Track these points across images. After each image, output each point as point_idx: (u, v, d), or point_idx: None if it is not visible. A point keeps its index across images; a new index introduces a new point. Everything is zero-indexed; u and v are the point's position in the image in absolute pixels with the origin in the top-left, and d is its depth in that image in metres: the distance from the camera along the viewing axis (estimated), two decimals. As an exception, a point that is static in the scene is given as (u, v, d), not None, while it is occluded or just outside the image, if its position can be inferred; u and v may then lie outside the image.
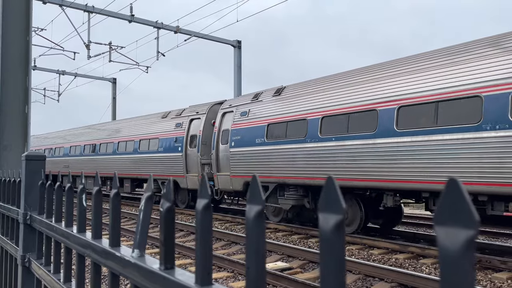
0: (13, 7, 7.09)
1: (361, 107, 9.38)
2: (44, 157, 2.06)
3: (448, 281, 0.41)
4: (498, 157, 7.06)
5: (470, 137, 7.42)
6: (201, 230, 0.79)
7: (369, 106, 9.21)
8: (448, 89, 7.88)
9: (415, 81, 8.48)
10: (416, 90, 8.39)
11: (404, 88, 8.63)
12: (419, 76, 8.47)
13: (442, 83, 7.98)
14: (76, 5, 18.46)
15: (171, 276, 0.85)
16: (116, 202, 1.19)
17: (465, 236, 0.40)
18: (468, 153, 7.42)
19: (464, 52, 8.01)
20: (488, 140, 7.20)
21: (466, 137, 7.47)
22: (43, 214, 1.84)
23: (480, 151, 7.28)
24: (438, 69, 8.24)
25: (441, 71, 8.15)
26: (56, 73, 29.93)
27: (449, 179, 0.42)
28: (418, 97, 8.31)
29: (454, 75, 7.89)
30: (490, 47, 7.63)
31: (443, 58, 8.31)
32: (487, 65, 7.47)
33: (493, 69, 7.35)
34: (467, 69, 7.73)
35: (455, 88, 7.76)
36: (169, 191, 0.90)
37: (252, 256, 0.65)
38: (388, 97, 8.86)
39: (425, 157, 8.07)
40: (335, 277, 0.53)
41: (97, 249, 1.21)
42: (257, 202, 0.67)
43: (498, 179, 7.05)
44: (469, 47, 8.03)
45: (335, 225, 0.54)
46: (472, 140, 7.39)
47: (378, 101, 9.05)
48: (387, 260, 8.08)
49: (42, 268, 1.73)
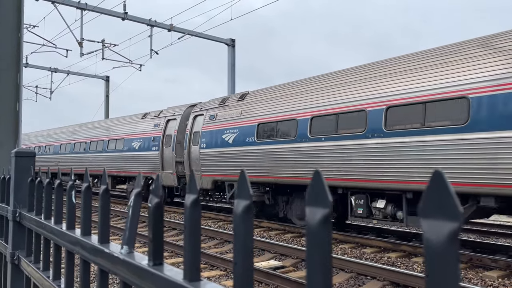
0: (4, 3, 7.02)
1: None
2: (34, 153, 2.04)
3: (434, 274, 0.41)
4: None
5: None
6: (190, 226, 0.78)
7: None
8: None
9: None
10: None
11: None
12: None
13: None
14: (69, 2, 18.32)
15: (160, 272, 0.84)
16: (106, 198, 1.18)
17: (450, 229, 0.40)
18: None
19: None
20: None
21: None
22: (33, 211, 1.83)
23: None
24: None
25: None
26: (48, 70, 29.71)
27: (434, 172, 0.42)
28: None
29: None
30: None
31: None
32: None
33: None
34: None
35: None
36: (157, 187, 0.89)
37: (240, 251, 0.65)
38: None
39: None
40: (322, 269, 0.53)
41: (86, 246, 1.20)
42: (245, 197, 0.66)
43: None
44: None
45: (322, 219, 0.53)
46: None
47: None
48: (379, 259, 8.12)
49: (32, 266, 1.71)
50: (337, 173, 9.48)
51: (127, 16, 19.56)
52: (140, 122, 18.27)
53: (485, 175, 7.09)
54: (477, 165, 7.18)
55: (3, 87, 6.92)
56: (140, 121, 18.30)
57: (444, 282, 0.40)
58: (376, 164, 8.70)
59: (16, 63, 7.07)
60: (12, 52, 7.10)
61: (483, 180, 7.11)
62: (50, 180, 1.62)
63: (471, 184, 7.26)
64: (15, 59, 7.13)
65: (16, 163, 1.96)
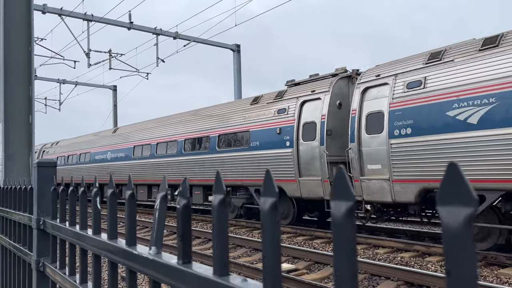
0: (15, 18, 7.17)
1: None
2: (54, 163, 2.11)
3: (452, 256, 0.46)
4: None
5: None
6: (217, 224, 0.83)
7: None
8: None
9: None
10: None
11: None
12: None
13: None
14: (75, 14, 18.58)
15: (190, 269, 0.89)
16: (132, 203, 1.24)
17: (465, 213, 0.45)
18: None
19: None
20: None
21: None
22: (56, 219, 1.89)
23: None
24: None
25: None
26: (57, 82, 30.07)
27: (449, 163, 0.47)
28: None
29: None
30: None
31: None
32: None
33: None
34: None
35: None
36: (185, 189, 0.94)
37: (268, 244, 0.70)
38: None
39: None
40: (348, 259, 0.58)
41: (115, 249, 1.25)
42: (271, 195, 0.71)
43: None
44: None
45: (346, 211, 0.58)
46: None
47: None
48: (392, 259, 8.10)
49: (58, 271, 1.77)
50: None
51: (133, 26, 19.79)
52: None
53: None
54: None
55: (16, 101, 7.05)
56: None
57: (463, 262, 0.45)
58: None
59: (27, 77, 7.20)
60: (23, 66, 7.24)
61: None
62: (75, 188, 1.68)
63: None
64: (26, 72, 7.27)
65: (39, 173, 2.03)
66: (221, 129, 14.28)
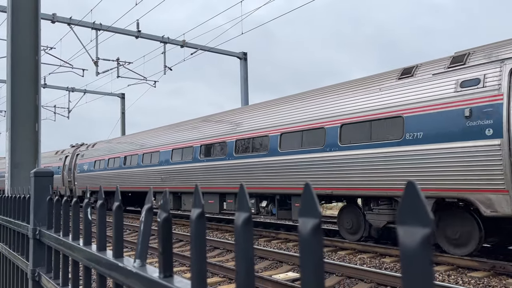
0: (22, 27, 7.27)
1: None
2: (51, 173, 2.11)
3: (409, 276, 0.45)
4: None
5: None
6: (195, 238, 0.83)
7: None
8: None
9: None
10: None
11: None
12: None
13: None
14: (84, 23, 18.82)
15: (170, 284, 0.89)
16: (119, 215, 1.24)
17: (422, 234, 0.44)
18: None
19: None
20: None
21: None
22: (52, 229, 1.90)
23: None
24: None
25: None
26: (65, 90, 30.42)
27: (407, 183, 0.46)
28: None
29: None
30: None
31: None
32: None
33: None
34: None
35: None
36: (166, 202, 0.94)
37: (241, 260, 0.69)
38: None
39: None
40: (314, 276, 0.57)
41: (102, 261, 1.25)
42: (244, 210, 0.71)
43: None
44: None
45: (312, 228, 0.57)
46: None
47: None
48: (399, 268, 8.01)
49: (52, 282, 1.77)
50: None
51: (141, 34, 19.98)
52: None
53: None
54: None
55: (23, 109, 7.13)
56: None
57: (419, 282, 0.44)
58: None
59: (34, 85, 7.29)
60: (30, 74, 7.33)
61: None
62: (77, 199, 1.68)
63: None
64: (33, 81, 7.35)
65: (35, 183, 2.04)
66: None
